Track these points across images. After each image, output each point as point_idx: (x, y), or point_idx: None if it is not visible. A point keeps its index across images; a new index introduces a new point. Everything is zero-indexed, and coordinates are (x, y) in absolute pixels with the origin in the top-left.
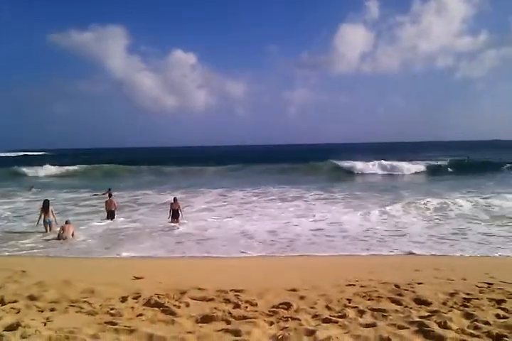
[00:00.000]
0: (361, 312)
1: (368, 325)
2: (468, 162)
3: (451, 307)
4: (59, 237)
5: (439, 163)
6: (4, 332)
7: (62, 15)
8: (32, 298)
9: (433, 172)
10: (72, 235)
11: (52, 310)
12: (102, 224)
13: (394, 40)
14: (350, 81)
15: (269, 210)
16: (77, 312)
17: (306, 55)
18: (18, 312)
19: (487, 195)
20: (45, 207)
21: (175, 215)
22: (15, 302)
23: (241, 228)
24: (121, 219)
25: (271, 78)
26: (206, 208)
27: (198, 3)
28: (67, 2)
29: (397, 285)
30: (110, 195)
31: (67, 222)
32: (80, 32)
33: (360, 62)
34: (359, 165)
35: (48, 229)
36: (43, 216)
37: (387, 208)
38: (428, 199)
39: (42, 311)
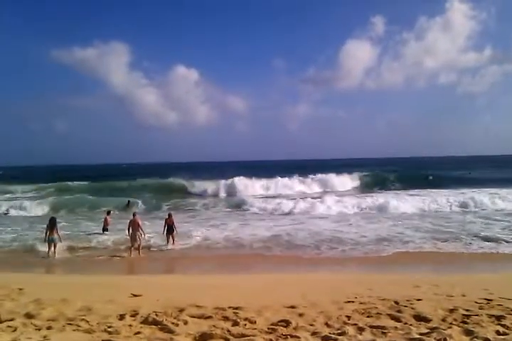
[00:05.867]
0: (361, 330)
1: None
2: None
3: (451, 323)
4: None
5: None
6: None
7: (65, 32)
8: (29, 315)
9: None
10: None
11: (49, 328)
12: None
13: (398, 57)
14: (355, 97)
15: None
16: (74, 330)
17: (313, 71)
18: (14, 331)
19: None
20: (52, 224)
21: (169, 230)
22: (11, 320)
23: None
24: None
25: (275, 93)
26: None
27: (201, 18)
28: (70, 19)
29: (396, 302)
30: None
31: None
32: (83, 48)
33: (365, 77)
34: None
35: (52, 246)
36: (48, 233)
37: None
38: None
39: (39, 329)
